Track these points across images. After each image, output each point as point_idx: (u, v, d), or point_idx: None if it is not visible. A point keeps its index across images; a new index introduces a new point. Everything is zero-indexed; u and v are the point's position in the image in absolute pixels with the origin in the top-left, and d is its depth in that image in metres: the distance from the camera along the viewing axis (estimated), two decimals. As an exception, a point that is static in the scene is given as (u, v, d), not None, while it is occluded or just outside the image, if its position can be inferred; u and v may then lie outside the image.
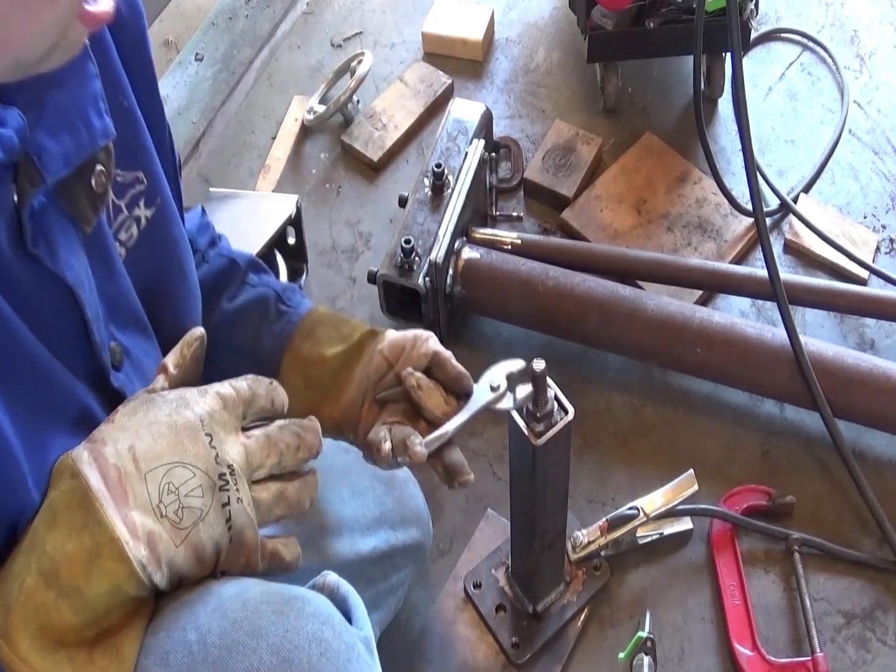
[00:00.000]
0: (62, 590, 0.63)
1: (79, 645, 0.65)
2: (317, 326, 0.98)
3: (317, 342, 0.97)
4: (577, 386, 1.44)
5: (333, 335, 0.97)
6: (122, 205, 0.77)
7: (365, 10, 1.97)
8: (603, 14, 1.56)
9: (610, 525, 1.24)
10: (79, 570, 0.64)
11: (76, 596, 0.64)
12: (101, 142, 0.68)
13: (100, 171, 0.69)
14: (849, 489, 1.33)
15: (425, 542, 1.15)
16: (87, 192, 0.69)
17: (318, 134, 1.78)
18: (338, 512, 1.04)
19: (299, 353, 0.97)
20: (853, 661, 1.23)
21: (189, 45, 1.88)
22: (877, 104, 1.74)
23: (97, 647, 0.66)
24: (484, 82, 1.83)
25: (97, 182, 0.69)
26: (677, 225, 1.60)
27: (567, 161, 1.66)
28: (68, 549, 0.64)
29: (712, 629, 1.26)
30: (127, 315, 0.78)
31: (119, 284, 0.76)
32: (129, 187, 0.77)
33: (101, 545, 0.64)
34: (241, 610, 0.67)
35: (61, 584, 0.63)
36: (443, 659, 1.24)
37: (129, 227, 0.78)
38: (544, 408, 0.87)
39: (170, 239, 0.83)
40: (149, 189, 0.79)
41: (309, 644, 0.66)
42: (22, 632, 0.63)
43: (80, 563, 0.64)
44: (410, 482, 1.14)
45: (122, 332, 0.76)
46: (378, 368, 0.92)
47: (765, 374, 1.33)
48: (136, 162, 0.78)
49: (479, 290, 1.42)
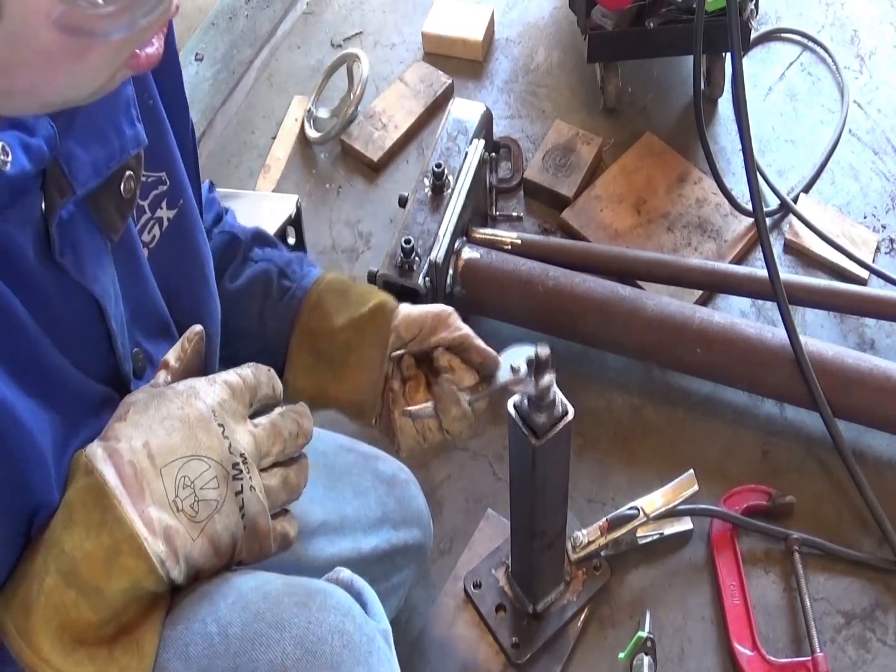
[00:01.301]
0: (82, 588, 0.64)
1: (98, 643, 0.65)
2: (324, 296, 0.96)
3: (325, 315, 0.95)
4: (577, 386, 1.44)
5: (341, 304, 0.95)
6: (146, 205, 0.76)
7: (365, 10, 1.97)
8: (603, 14, 1.56)
9: (610, 525, 1.24)
10: (98, 568, 0.64)
11: (96, 594, 0.64)
12: (133, 150, 0.68)
13: (129, 177, 0.68)
14: (849, 489, 1.33)
15: (426, 543, 1.15)
16: (116, 199, 0.68)
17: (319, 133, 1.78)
18: (340, 511, 1.04)
19: (307, 327, 0.95)
20: (853, 661, 1.23)
21: (189, 45, 1.88)
22: (877, 104, 1.74)
23: (117, 643, 0.66)
24: (484, 82, 1.83)
25: (126, 188, 0.68)
26: (677, 225, 1.60)
27: (567, 161, 1.66)
28: (87, 548, 0.64)
29: (712, 629, 1.26)
30: (151, 319, 0.77)
31: (145, 288, 0.75)
32: (153, 188, 0.76)
33: (119, 542, 0.64)
34: (262, 602, 0.68)
35: (81, 582, 0.63)
36: (443, 659, 1.24)
37: (151, 228, 0.77)
38: (548, 397, 0.87)
39: (192, 241, 0.82)
40: (171, 190, 0.78)
41: (332, 636, 0.67)
42: (43, 633, 0.63)
43: (99, 561, 0.64)
44: (411, 483, 1.15)
45: (147, 337, 0.76)
46: (394, 348, 0.92)
47: (765, 374, 1.33)
48: (160, 162, 0.76)
49: (479, 290, 1.42)
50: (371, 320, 0.93)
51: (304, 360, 0.94)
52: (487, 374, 0.90)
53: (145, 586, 0.66)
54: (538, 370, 0.83)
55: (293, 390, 0.94)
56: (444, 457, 1.42)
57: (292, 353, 0.94)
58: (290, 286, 0.97)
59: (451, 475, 1.41)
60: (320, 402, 0.95)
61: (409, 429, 0.92)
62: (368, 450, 1.14)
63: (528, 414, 0.89)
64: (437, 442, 0.92)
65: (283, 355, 0.95)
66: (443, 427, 0.89)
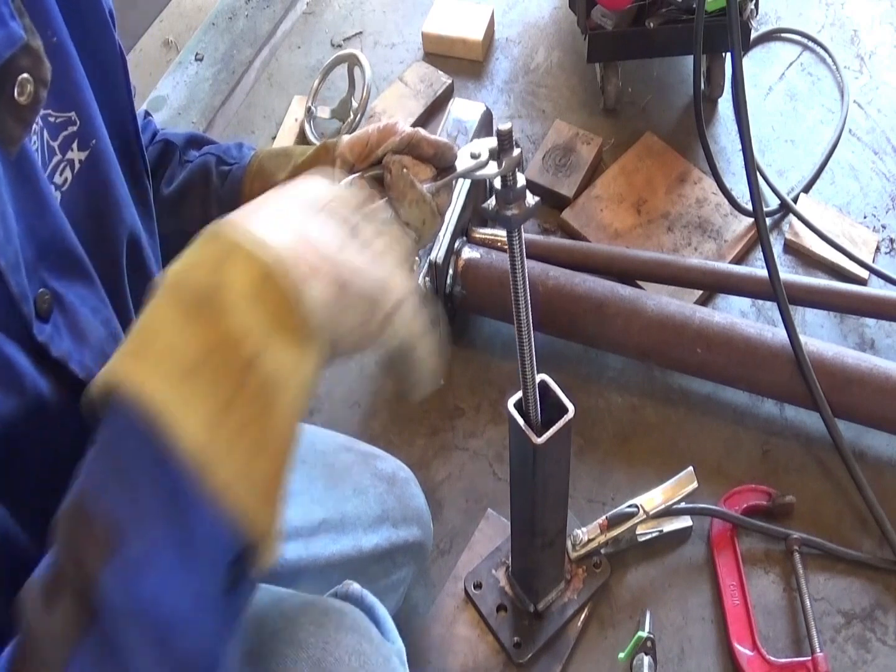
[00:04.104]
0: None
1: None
2: (265, 162, 0.90)
3: (268, 176, 0.89)
4: (577, 386, 1.45)
5: (283, 161, 0.89)
6: (56, 146, 0.69)
7: (365, 10, 1.97)
8: (603, 14, 1.57)
9: (610, 523, 1.24)
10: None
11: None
12: (5, 52, 0.59)
13: (24, 80, 0.60)
14: (849, 489, 1.33)
15: (426, 542, 1.15)
16: (10, 105, 0.60)
17: (319, 134, 1.78)
18: (340, 509, 1.04)
19: (252, 194, 0.84)
20: (853, 661, 1.23)
21: (189, 45, 1.88)
22: (877, 104, 1.75)
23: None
24: (484, 82, 1.84)
25: (22, 92, 0.60)
26: (677, 225, 1.60)
27: (567, 161, 1.66)
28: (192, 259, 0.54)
29: (712, 629, 1.26)
30: (63, 258, 0.69)
31: (53, 225, 0.67)
32: (62, 129, 0.70)
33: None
34: (279, 620, 0.67)
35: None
36: (443, 659, 1.24)
37: (63, 170, 0.70)
38: (516, 181, 0.77)
39: (107, 181, 0.75)
40: (82, 130, 0.72)
41: (349, 657, 0.66)
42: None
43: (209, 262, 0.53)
44: (411, 481, 1.15)
45: (57, 277, 0.68)
46: (341, 174, 0.84)
47: (765, 374, 1.33)
48: (69, 102, 0.70)
49: (479, 290, 1.42)
50: (315, 160, 0.87)
51: None
52: (445, 165, 0.84)
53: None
54: (501, 147, 0.74)
55: None
56: (444, 457, 1.42)
57: None
58: (229, 168, 0.91)
59: (451, 475, 1.41)
60: None
61: None
62: (368, 449, 1.14)
63: (497, 212, 0.79)
64: (405, 250, 0.85)
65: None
66: (402, 220, 0.81)
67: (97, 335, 0.70)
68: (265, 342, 0.52)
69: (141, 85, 0.82)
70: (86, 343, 0.69)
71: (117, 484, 0.50)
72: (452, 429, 1.45)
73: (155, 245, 0.82)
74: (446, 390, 1.47)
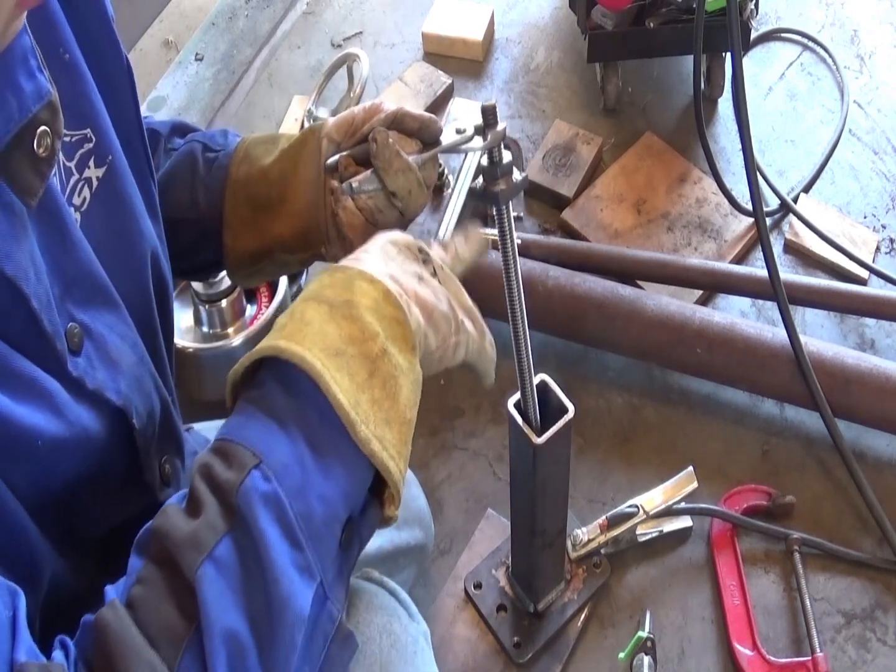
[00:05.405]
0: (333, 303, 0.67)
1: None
2: (251, 148, 0.90)
3: (254, 160, 0.89)
4: (577, 386, 1.44)
5: (271, 146, 0.89)
6: (73, 167, 0.69)
7: (365, 10, 1.97)
8: (603, 14, 1.57)
9: (610, 523, 1.24)
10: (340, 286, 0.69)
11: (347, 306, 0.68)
12: (34, 106, 0.60)
13: (43, 133, 0.60)
14: (849, 489, 1.33)
15: (427, 543, 1.16)
16: (30, 158, 0.60)
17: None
18: None
19: (238, 180, 0.88)
20: (853, 661, 1.23)
21: (189, 45, 1.88)
22: (877, 104, 1.75)
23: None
24: (484, 82, 1.83)
25: (40, 145, 0.60)
26: (677, 225, 1.60)
27: (567, 161, 1.66)
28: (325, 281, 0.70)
29: (712, 629, 1.26)
30: (88, 288, 0.69)
31: (77, 256, 0.68)
32: (78, 147, 0.70)
33: (352, 276, 0.70)
34: None
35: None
36: (443, 659, 1.24)
37: (81, 190, 0.70)
38: (501, 156, 0.76)
39: (124, 197, 0.76)
40: (98, 147, 0.72)
41: (380, 636, 0.68)
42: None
43: (339, 282, 0.69)
44: (412, 483, 1.15)
45: (83, 308, 0.68)
46: (328, 155, 0.86)
47: (765, 374, 1.33)
48: (83, 119, 0.70)
49: (479, 290, 1.42)
50: (303, 145, 0.87)
51: (240, 215, 0.88)
52: (430, 140, 0.85)
53: (387, 308, 0.68)
54: (486, 121, 0.74)
55: (234, 255, 0.90)
56: (444, 457, 1.42)
57: (228, 212, 0.88)
58: (215, 155, 0.91)
59: (451, 475, 1.41)
60: (265, 254, 0.90)
61: (357, 217, 0.86)
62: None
63: (484, 188, 0.78)
64: (391, 220, 0.87)
65: (219, 231, 0.89)
66: (389, 189, 0.83)
67: (128, 361, 0.72)
68: (387, 344, 0.66)
69: (141, 85, 0.82)
70: (118, 370, 0.70)
71: (273, 422, 0.62)
72: (452, 429, 1.45)
73: (165, 249, 0.83)
74: (446, 390, 1.47)
